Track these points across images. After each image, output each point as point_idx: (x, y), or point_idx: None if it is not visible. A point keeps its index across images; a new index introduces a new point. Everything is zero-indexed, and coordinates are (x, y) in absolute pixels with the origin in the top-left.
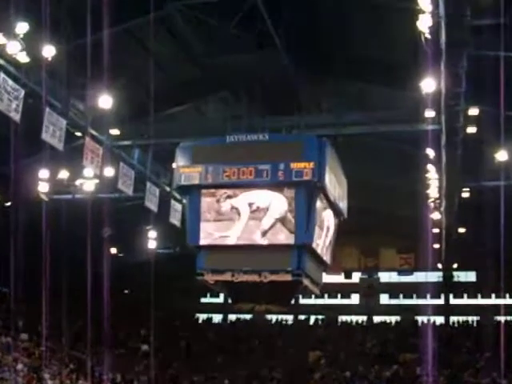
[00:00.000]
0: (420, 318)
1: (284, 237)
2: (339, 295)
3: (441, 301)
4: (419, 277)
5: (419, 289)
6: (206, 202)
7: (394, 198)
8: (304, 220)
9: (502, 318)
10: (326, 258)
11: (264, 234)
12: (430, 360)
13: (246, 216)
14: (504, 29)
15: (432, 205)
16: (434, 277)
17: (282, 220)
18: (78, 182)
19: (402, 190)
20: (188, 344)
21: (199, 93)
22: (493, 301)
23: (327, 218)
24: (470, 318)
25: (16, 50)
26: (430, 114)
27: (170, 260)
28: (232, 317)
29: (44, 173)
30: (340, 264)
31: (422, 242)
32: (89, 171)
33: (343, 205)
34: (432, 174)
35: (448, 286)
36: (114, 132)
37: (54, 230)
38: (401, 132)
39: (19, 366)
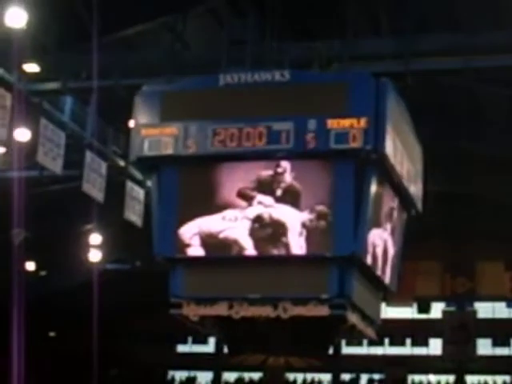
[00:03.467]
0: None
1: (316, 244)
2: (409, 341)
3: None
4: None
5: None
6: (188, 185)
7: (502, 179)
8: (350, 217)
9: None
10: (388, 279)
11: (283, 239)
12: None
13: (253, 210)
14: None
15: None
16: None
17: (314, 216)
18: None
19: None
20: None
21: (174, 2)
22: None
23: (389, 213)
24: None
25: None
26: None
27: (125, 282)
28: (229, 376)
29: None
30: (411, 289)
31: None
32: None
33: (416, 190)
34: None
35: None
36: (31, 68)
37: None
38: None
39: None
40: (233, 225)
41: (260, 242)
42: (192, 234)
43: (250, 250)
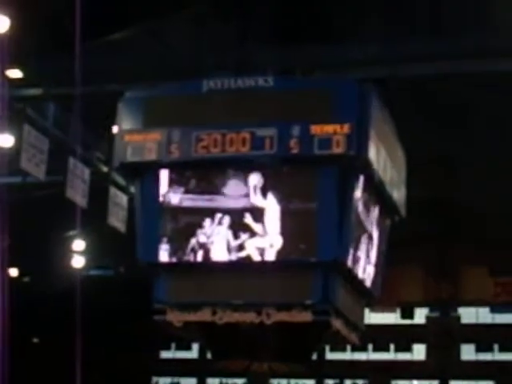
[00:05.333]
0: None
1: (300, 250)
2: (393, 346)
3: None
4: None
5: None
6: (171, 191)
7: (484, 184)
8: (333, 222)
9: None
10: (371, 284)
11: (266, 244)
12: None
13: (237, 215)
14: None
15: None
16: None
17: (297, 222)
18: None
19: (502, 171)
20: None
21: (156, 7)
22: None
23: (372, 219)
24: None
25: None
26: None
27: (108, 288)
28: (213, 382)
29: None
30: (395, 295)
31: None
32: None
33: (399, 195)
34: None
35: None
36: (14, 74)
37: None
38: (501, 73)
39: None
40: (217, 230)
41: (244, 247)
42: (174, 240)
43: (233, 255)
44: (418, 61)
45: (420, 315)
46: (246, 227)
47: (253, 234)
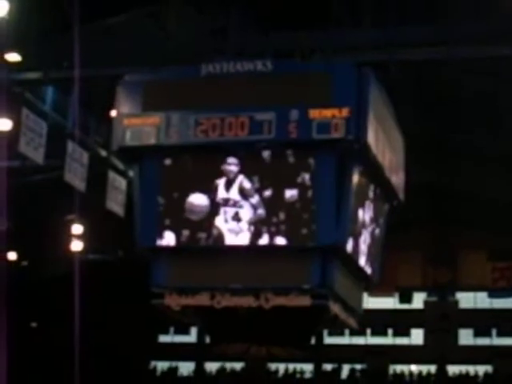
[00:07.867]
0: None
1: (298, 235)
2: (391, 331)
3: None
4: None
5: None
6: (170, 175)
7: (482, 169)
8: (332, 207)
9: None
10: (369, 268)
11: (265, 229)
12: None
13: (235, 200)
14: None
15: None
16: None
17: (295, 207)
18: None
19: (496, 155)
20: None
21: None
22: None
23: (371, 204)
24: None
25: None
26: None
27: (106, 272)
28: (211, 366)
29: None
30: (393, 279)
31: None
32: None
33: (398, 180)
34: None
35: None
36: (13, 58)
37: None
38: (497, 59)
39: None
40: (215, 214)
41: (242, 231)
42: (173, 224)
43: (232, 239)
44: (416, 46)
45: (418, 300)
46: (245, 212)
47: (252, 217)
